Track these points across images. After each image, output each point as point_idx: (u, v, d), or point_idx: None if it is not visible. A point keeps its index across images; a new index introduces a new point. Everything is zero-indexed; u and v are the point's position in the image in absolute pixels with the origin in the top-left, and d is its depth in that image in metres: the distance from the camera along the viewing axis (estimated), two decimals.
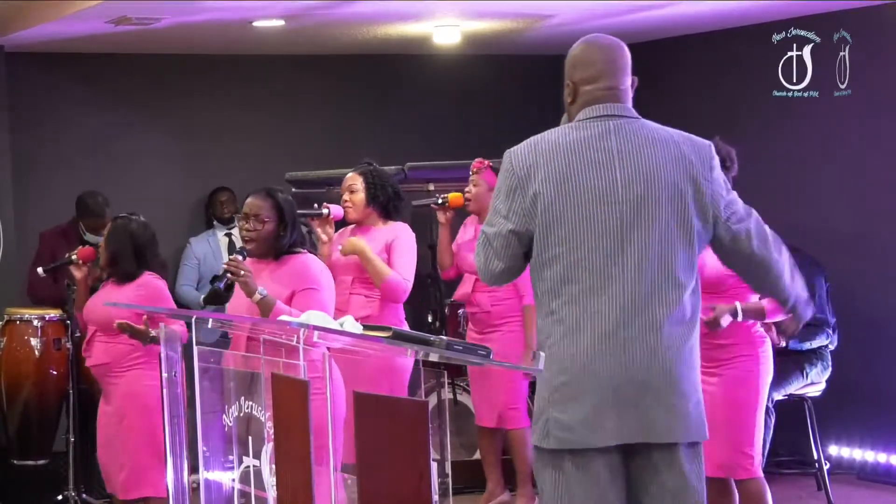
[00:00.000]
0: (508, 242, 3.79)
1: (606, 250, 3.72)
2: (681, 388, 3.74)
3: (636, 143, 3.80)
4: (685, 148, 3.85)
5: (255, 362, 4.44)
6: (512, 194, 3.79)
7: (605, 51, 3.91)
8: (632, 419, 3.71)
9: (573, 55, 3.94)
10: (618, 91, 3.87)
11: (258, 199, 5.31)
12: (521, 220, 3.77)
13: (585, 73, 3.88)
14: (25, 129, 8.59)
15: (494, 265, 3.82)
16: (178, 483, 4.76)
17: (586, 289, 3.72)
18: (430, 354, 3.65)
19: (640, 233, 3.73)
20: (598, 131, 3.80)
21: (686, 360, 3.76)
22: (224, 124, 9.23)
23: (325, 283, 5.22)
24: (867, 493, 7.47)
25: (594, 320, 3.71)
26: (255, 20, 7.72)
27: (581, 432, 3.70)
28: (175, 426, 4.75)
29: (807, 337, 7.13)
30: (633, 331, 3.70)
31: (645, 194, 3.74)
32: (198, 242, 8.75)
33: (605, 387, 3.69)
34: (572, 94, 3.91)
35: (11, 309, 7.52)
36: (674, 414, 3.73)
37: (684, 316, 3.76)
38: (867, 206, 7.75)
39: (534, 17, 7.98)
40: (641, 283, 3.71)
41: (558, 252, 3.74)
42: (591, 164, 3.76)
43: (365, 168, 6.32)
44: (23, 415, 7.36)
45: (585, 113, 3.85)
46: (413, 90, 9.52)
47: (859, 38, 7.47)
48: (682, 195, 3.77)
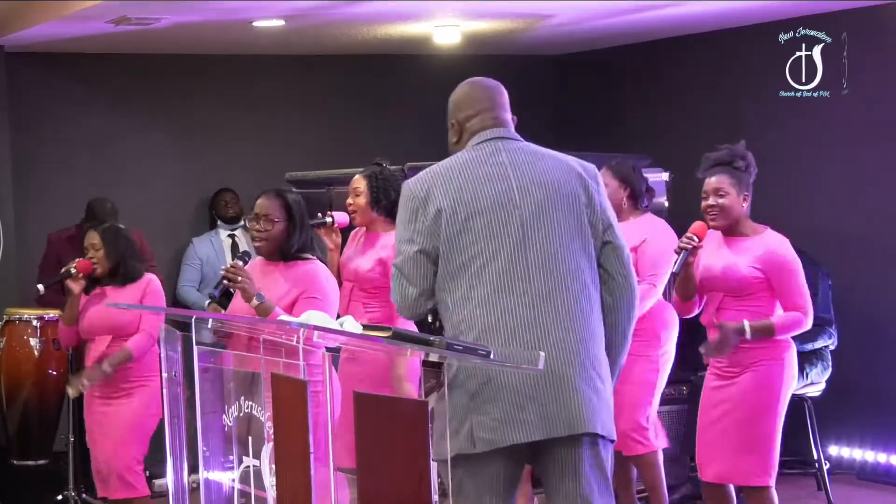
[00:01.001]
0: (418, 263, 3.93)
1: (509, 253, 3.88)
2: (591, 380, 3.87)
3: (527, 157, 4.01)
4: (573, 163, 4.05)
5: (255, 362, 4.43)
6: (413, 217, 3.95)
7: (485, 90, 4.16)
8: (551, 412, 3.82)
9: (455, 98, 4.20)
10: (502, 120, 4.10)
11: (268, 199, 5.31)
12: (427, 239, 3.92)
13: (469, 111, 4.13)
14: (25, 129, 8.59)
15: (409, 292, 3.95)
16: (178, 483, 4.76)
17: (494, 290, 3.86)
18: (430, 354, 3.65)
19: (541, 233, 3.90)
20: (489, 150, 4.02)
21: (595, 352, 3.90)
22: (224, 124, 9.24)
23: (330, 294, 5.23)
24: (867, 493, 7.47)
25: (504, 319, 3.84)
26: (255, 20, 7.72)
27: (504, 431, 3.80)
28: (175, 426, 4.74)
29: (809, 338, 7.12)
30: (541, 328, 3.84)
31: (542, 198, 3.93)
32: (200, 243, 8.75)
33: (523, 383, 3.80)
34: (458, 133, 4.15)
35: (11, 309, 7.52)
36: (588, 405, 3.85)
37: (590, 310, 3.92)
38: (867, 206, 7.75)
39: (534, 17, 7.98)
40: (544, 281, 3.86)
41: (464, 260, 3.89)
42: (486, 177, 3.96)
43: (372, 170, 6.23)
44: (23, 415, 7.36)
45: (475, 139, 4.07)
46: (413, 90, 9.51)
47: (859, 38, 7.47)
48: (577, 198, 3.96)
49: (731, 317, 5.29)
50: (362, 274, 6.04)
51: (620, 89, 9.38)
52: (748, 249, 5.31)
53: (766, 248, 5.29)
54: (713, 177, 5.36)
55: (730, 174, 5.33)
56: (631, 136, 8.94)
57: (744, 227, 5.37)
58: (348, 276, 6.07)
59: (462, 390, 3.84)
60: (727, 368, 5.34)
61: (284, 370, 4.12)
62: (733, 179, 5.32)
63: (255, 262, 5.40)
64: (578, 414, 3.83)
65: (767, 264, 5.27)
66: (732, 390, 5.31)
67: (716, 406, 5.38)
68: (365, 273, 6.04)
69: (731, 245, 5.34)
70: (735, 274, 5.28)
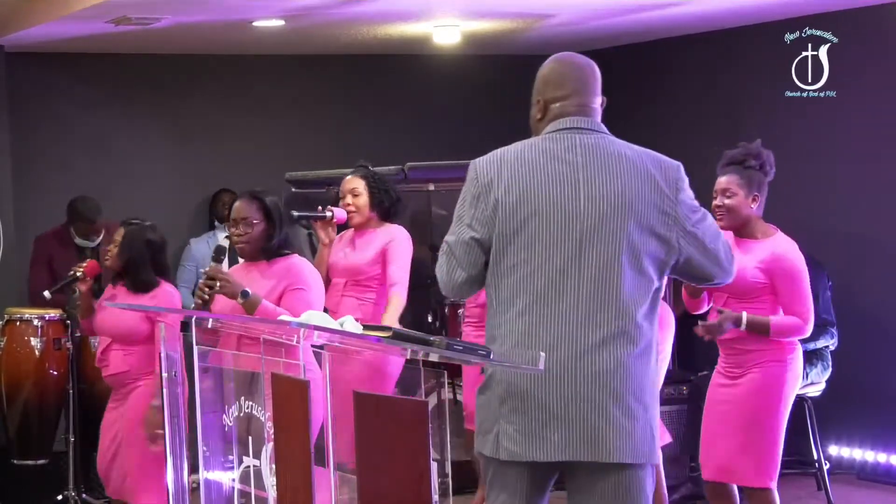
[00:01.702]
0: (471, 250, 3.75)
1: (562, 263, 3.68)
2: (627, 408, 3.67)
3: (602, 159, 3.77)
4: (653, 169, 3.80)
5: (255, 362, 4.44)
6: (475, 202, 3.76)
7: (576, 69, 3.90)
8: (576, 435, 3.67)
9: (543, 73, 3.90)
10: (588, 108, 3.86)
11: (244, 202, 5.37)
12: (484, 228, 3.74)
13: (556, 92, 3.84)
14: (25, 129, 8.59)
15: (457, 275, 3.78)
16: (178, 483, 4.76)
17: (538, 300, 3.69)
18: (430, 354, 3.65)
19: (598, 249, 3.68)
20: (565, 144, 3.77)
21: (634, 380, 3.69)
22: (224, 124, 9.24)
23: (314, 284, 5.31)
24: (867, 493, 7.47)
25: (543, 333, 3.67)
26: (255, 20, 7.72)
27: (527, 445, 3.68)
28: (175, 426, 4.74)
29: (811, 337, 7.12)
30: (579, 347, 3.65)
31: (607, 212, 3.69)
32: (197, 244, 8.75)
33: (553, 401, 3.66)
34: (542, 110, 3.86)
35: (11, 309, 7.51)
36: (618, 433, 3.67)
37: (638, 334, 3.70)
38: (866, 206, 7.75)
39: (534, 17, 7.98)
40: (592, 299, 3.67)
41: (515, 262, 3.72)
42: (554, 176, 3.73)
43: (364, 171, 6.30)
44: (23, 415, 7.35)
45: (553, 126, 3.81)
46: (413, 90, 9.52)
47: (859, 38, 7.47)
48: (644, 218, 3.72)
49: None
50: (355, 269, 6.09)
51: (621, 89, 9.36)
52: (755, 252, 5.29)
53: (771, 253, 5.27)
54: (723, 176, 5.34)
55: (740, 174, 5.31)
56: (631, 136, 8.90)
57: (753, 229, 5.35)
58: (339, 274, 6.13)
59: (494, 393, 3.74)
60: (732, 369, 5.34)
61: (284, 370, 4.12)
62: (743, 180, 5.30)
63: (237, 266, 5.46)
64: (606, 442, 3.66)
65: (772, 268, 5.25)
66: (736, 391, 5.30)
67: (720, 405, 5.38)
68: (358, 268, 6.09)
69: (739, 246, 5.32)
70: (739, 275, 5.27)
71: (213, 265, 5.34)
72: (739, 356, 5.30)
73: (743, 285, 5.23)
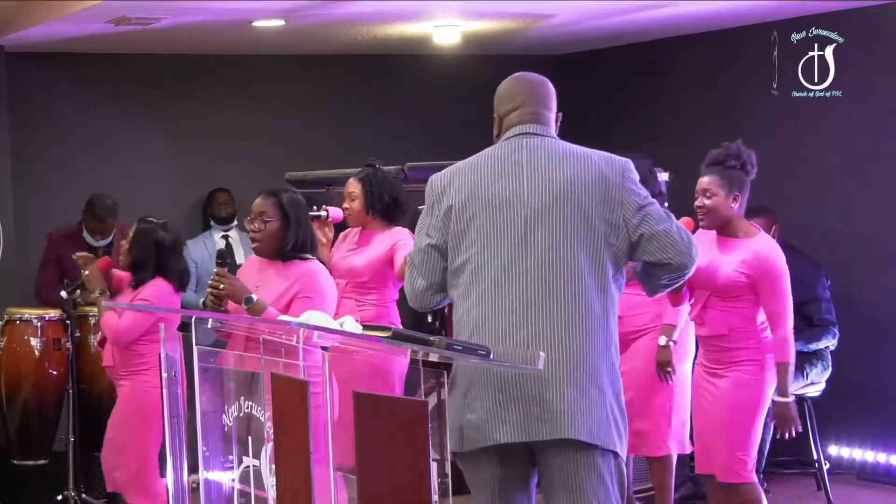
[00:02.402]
0: (428, 257, 3.96)
1: (510, 252, 3.83)
2: (581, 388, 3.77)
3: (547, 155, 3.92)
4: (598, 160, 3.93)
5: (255, 362, 4.43)
6: (430, 211, 3.98)
7: (526, 84, 4.09)
8: (533, 415, 3.77)
9: (498, 92, 4.11)
10: (538, 115, 4.02)
11: (262, 198, 5.32)
12: (438, 234, 3.94)
13: (509, 105, 4.05)
14: (25, 129, 8.59)
15: (417, 283, 3.99)
16: (178, 483, 4.76)
17: (490, 290, 3.83)
18: (429, 354, 3.65)
19: (543, 233, 3.82)
20: (512, 147, 3.96)
21: (586, 362, 3.79)
22: (224, 124, 9.24)
23: (327, 293, 5.21)
24: (867, 493, 7.47)
25: (496, 320, 3.81)
26: (255, 20, 7.72)
27: (487, 430, 3.79)
28: (175, 426, 4.74)
29: (813, 338, 7.12)
30: (532, 329, 3.78)
31: (550, 199, 3.84)
32: (194, 245, 8.70)
33: (509, 382, 3.77)
34: (498, 125, 4.06)
35: (11, 309, 7.52)
36: (572, 411, 3.76)
37: (590, 315, 3.80)
38: (866, 206, 7.75)
39: (534, 17, 7.98)
40: (541, 284, 3.80)
41: (467, 257, 3.88)
42: (500, 175, 3.91)
43: (366, 173, 6.28)
44: (23, 415, 7.35)
45: (505, 135, 4.01)
46: (413, 90, 9.52)
47: (859, 38, 7.47)
48: (590, 197, 3.84)
49: (715, 315, 5.36)
50: (357, 270, 6.11)
51: (620, 89, 9.37)
52: (737, 251, 5.33)
53: (753, 253, 5.31)
54: (705, 176, 5.39)
55: (720, 174, 5.35)
56: (631, 136, 8.93)
57: (735, 228, 5.38)
58: (342, 274, 6.13)
59: (457, 389, 3.86)
60: (712, 365, 5.42)
61: (284, 370, 4.12)
62: (723, 180, 5.34)
63: (251, 261, 5.41)
64: (562, 419, 3.75)
65: (753, 268, 5.29)
66: (718, 388, 5.39)
67: (704, 400, 5.47)
68: (360, 270, 6.11)
69: (721, 245, 5.37)
70: (720, 274, 5.30)
71: (220, 269, 5.27)
72: (719, 353, 5.38)
73: (725, 284, 5.29)
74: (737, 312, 5.32)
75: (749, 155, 5.41)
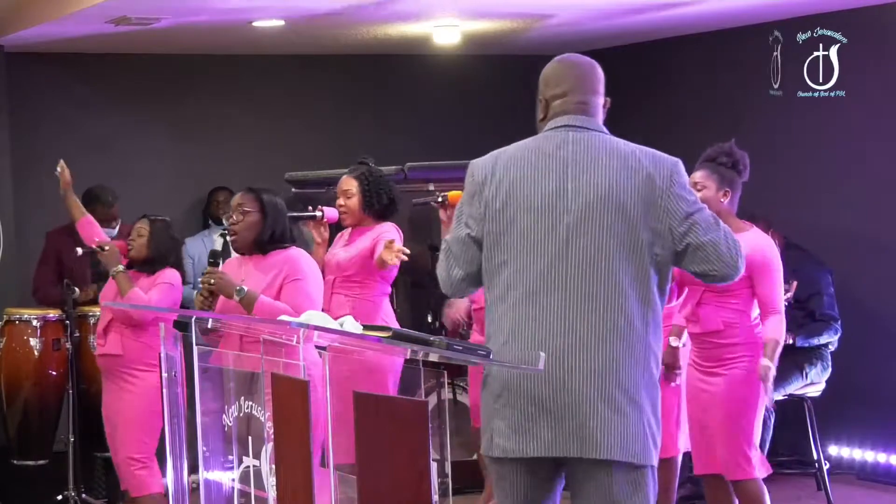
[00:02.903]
0: (466, 247, 3.80)
1: (550, 257, 3.69)
2: (616, 404, 3.64)
3: (592, 154, 3.77)
4: (646, 163, 3.79)
5: (255, 362, 4.43)
6: (471, 200, 3.81)
7: (576, 68, 3.93)
8: (566, 430, 3.64)
9: (545, 73, 3.94)
10: (587, 106, 3.88)
11: (241, 194, 5.45)
12: (478, 226, 3.78)
13: (556, 90, 3.87)
14: (25, 129, 8.59)
15: (455, 272, 3.82)
16: (178, 483, 4.76)
17: (528, 295, 3.69)
18: (429, 354, 3.65)
19: (585, 243, 3.68)
20: (557, 141, 3.79)
21: (624, 377, 3.66)
22: (224, 124, 9.24)
23: (312, 274, 5.30)
24: (867, 493, 7.47)
25: (533, 327, 3.67)
26: (255, 20, 7.72)
27: (517, 440, 3.67)
28: (175, 426, 4.74)
29: (814, 332, 7.14)
30: (568, 341, 3.65)
31: (594, 204, 3.69)
32: (192, 242, 8.73)
33: (541, 394, 3.65)
34: (544, 109, 3.90)
35: (11, 309, 7.51)
36: (606, 429, 3.64)
37: (628, 328, 3.66)
38: (867, 205, 7.75)
39: (534, 17, 7.98)
40: (581, 293, 3.66)
41: (506, 258, 3.74)
42: (543, 171, 3.75)
43: (361, 171, 6.25)
44: (23, 415, 7.35)
45: (551, 124, 3.85)
46: (413, 90, 9.52)
47: (859, 38, 7.47)
48: (633, 208, 3.70)
49: (710, 312, 5.38)
50: (342, 265, 6.08)
51: (621, 89, 9.35)
52: None
53: (747, 247, 5.31)
54: (696, 171, 5.44)
55: (710, 169, 5.41)
56: (631, 136, 8.90)
57: (726, 223, 5.38)
58: (330, 271, 6.12)
59: (489, 391, 3.75)
60: (704, 362, 5.44)
61: (284, 370, 4.12)
62: (713, 175, 5.39)
63: (230, 262, 5.47)
64: (593, 436, 3.62)
65: (749, 262, 5.28)
66: (714, 387, 5.40)
67: (699, 400, 5.48)
68: (345, 264, 6.07)
69: None
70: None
71: (211, 268, 5.33)
72: (712, 350, 5.40)
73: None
74: (731, 307, 5.36)
75: (742, 156, 5.44)
